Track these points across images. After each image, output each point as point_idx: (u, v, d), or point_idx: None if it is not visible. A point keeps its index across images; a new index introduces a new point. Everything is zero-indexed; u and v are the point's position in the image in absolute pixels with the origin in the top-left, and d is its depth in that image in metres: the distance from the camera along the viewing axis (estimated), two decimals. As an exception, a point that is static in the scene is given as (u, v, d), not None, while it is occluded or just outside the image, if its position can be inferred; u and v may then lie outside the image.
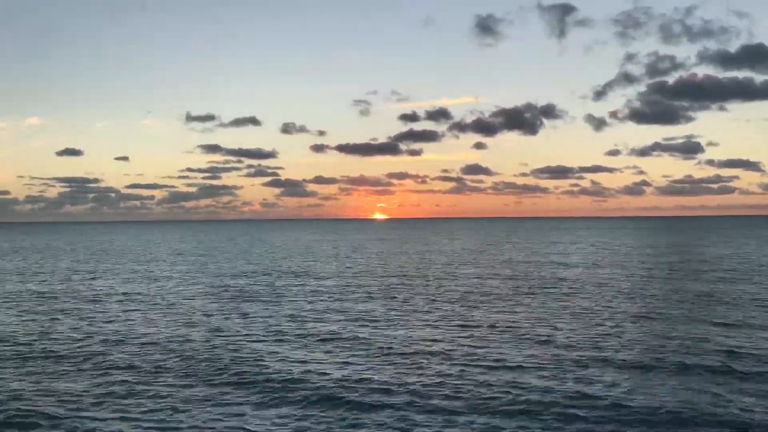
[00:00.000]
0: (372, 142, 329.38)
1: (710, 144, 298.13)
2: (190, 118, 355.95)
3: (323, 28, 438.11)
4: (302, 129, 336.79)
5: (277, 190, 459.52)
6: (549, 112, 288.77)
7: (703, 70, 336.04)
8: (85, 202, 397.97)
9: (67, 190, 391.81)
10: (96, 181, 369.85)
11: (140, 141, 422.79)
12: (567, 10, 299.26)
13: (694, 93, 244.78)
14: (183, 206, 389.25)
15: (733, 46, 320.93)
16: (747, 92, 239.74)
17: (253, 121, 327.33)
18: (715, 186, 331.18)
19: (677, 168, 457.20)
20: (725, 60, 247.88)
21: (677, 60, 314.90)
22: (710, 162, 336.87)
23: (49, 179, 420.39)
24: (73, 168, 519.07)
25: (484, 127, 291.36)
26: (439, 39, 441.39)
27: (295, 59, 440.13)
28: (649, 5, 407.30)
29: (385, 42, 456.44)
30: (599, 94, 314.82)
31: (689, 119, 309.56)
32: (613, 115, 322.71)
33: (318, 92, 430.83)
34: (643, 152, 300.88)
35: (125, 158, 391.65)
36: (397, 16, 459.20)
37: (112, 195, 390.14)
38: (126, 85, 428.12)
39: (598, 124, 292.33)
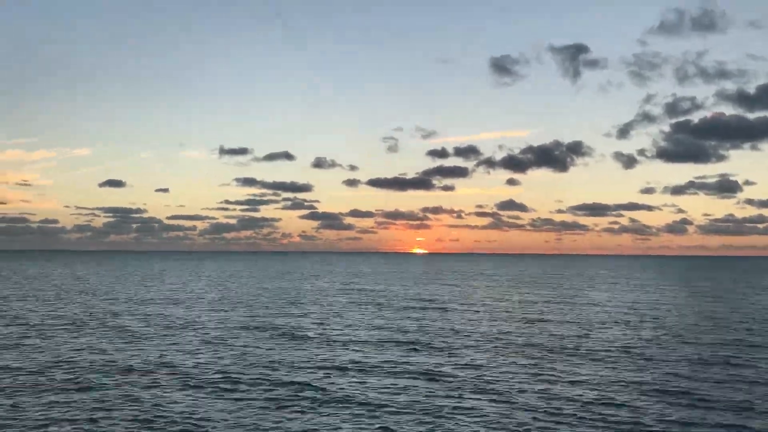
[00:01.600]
0: (403, 177, 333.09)
1: (747, 183, 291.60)
2: (223, 152, 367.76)
3: (341, 63, 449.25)
4: (333, 164, 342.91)
5: (315, 223, 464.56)
6: (576, 149, 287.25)
7: (724, 110, 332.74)
8: (128, 231, 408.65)
9: (111, 219, 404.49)
10: (139, 211, 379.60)
11: (178, 173, 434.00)
12: (579, 50, 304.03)
13: (722, 132, 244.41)
14: (224, 237, 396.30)
15: (751, 87, 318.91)
16: None
17: (287, 155, 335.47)
18: (761, 226, 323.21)
19: (716, 207, 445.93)
20: (746, 100, 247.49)
21: (697, 101, 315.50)
22: (750, 201, 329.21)
23: (94, 209, 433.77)
24: (115, 198, 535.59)
25: (514, 163, 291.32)
26: (457, 78, 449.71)
27: (320, 95, 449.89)
28: (658, 50, 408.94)
29: (403, 79, 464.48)
30: (623, 132, 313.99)
31: (720, 158, 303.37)
32: (641, 153, 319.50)
33: (345, 128, 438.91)
34: (678, 190, 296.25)
35: (165, 189, 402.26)
36: (412, 55, 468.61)
37: (155, 225, 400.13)
38: (163, 117, 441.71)
39: (628, 161, 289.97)
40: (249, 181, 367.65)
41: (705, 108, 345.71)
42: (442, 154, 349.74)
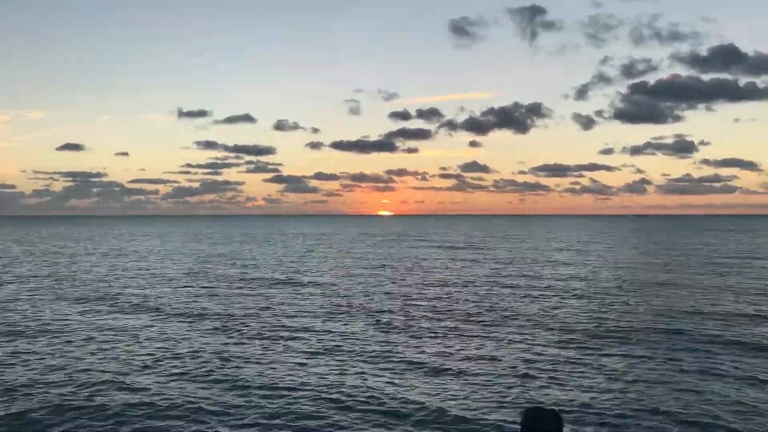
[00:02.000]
0: (366, 139, 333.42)
1: (702, 143, 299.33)
2: (182, 114, 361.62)
3: (301, 25, 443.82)
4: (296, 126, 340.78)
5: (280, 186, 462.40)
6: (536, 110, 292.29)
7: (679, 72, 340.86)
8: (89, 196, 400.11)
9: (70, 184, 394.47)
10: (99, 175, 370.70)
11: (136, 136, 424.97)
12: (536, 12, 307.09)
13: (678, 93, 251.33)
14: (188, 201, 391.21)
15: (703, 49, 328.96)
16: (732, 93, 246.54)
17: (248, 117, 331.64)
18: (717, 185, 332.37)
19: (674, 167, 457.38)
20: (699, 62, 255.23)
21: (652, 62, 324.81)
22: (706, 161, 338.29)
23: (53, 173, 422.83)
24: (74, 162, 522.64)
25: (476, 125, 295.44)
26: (416, 40, 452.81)
27: (280, 57, 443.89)
28: (613, 11, 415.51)
29: (363, 42, 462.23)
30: (580, 93, 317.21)
31: (677, 119, 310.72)
32: (599, 114, 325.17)
33: (306, 90, 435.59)
34: (636, 150, 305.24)
35: (125, 153, 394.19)
36: (370, 17, 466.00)
37: (117, 189, 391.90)
38: (120, 81, 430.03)
39: (587, 122, 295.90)
40: (210, 144, 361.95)
41: (660, 70, 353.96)
42: (404, 116, 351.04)
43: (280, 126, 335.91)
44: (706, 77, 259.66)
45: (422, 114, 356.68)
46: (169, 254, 55.93)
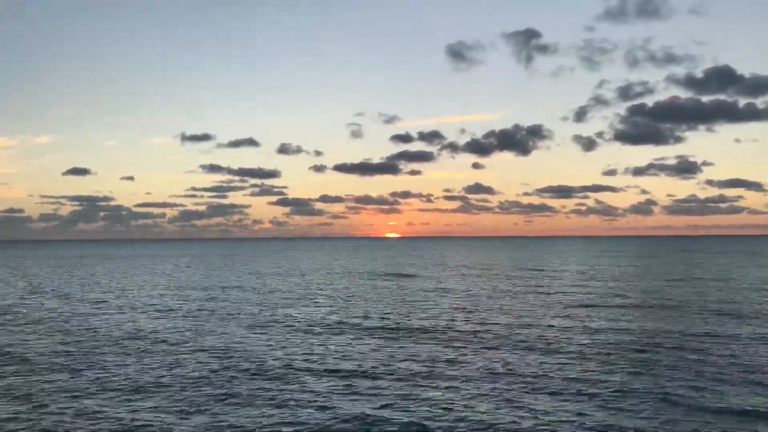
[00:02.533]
0: (369, 162, 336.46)
1: (705, 164, 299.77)
2: (185, 138, 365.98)
3: (299, 51, 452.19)
4: (299, 150, 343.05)
5: (285, 209, 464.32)
6: (536, 132, 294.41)
7: (675, 94, 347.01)
8: (96, 219, 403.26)
9: (78, 208, 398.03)
10: (105, 199, 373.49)
11: (141, 160, 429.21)
12: (531, 36, 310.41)
13: (678, 115, 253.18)
14: (195, 224, 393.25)
15: (698, 71, 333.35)
16: (732, 114, 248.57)
17: (251, 141, 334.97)
18: (724, 205, 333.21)
19: (678, 188, 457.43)
20: (695, 84, 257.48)
21: (649, 85, 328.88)
22: (710, 182, 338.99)
23: (60, 197, 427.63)
24: (80, 186, 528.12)
25: (478, 147, 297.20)
26: (414, 65, 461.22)
27: (281, 82, 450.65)
28: (606, 36, 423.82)
29: (362, 67, 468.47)
30: (579, 115, 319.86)
31: (678, 140, 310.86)
32: (599, 135, 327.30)
33: (307, 114, 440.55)
34: (639, 171, 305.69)
35: (131, 177, 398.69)
36: (369, 44, 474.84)
37: (124, 213, 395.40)
38: (125, 105, 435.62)
39: (588, 144, 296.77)
40: (214, 168, 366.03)
41: (657, 92, 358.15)
42: (405, 138, 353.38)
43: (283, 149, 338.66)
44: (704, 99, 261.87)
45: (424, 137, 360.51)
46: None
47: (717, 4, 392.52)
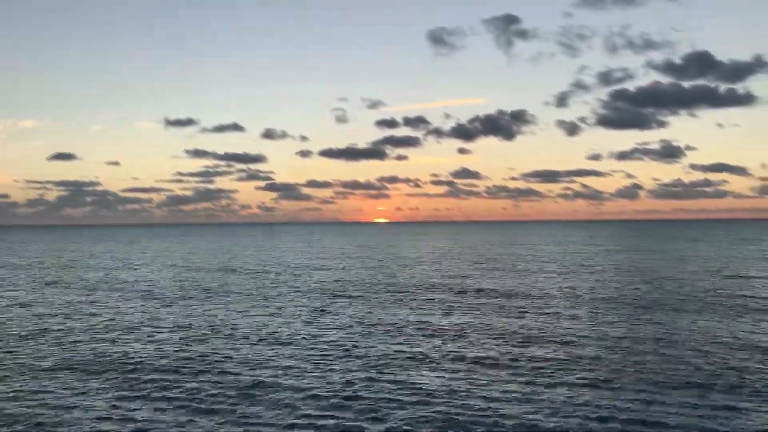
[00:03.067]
0: (355, 147, 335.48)
1: (688, 148, 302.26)
2: (169, 123, 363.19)
3: (281, 36, 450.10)
4: (284, 135, 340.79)
5: (273, 194, 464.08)
6: (520, 117, 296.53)
7: (655, 79, 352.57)
8: (83, 205, 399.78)
9: (64, 193, 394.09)
10: (92, 184, 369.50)
11: (126, 145, 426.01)
12: (510, 21, 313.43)
13: (660, 100, 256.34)
14: (182, 209, 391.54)
15: (677, 57, 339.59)
16: (713, 99, 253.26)
17: (236, 126, 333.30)
18: (709, 189, 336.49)
19: (663, 172, 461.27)
20: (674, 69, 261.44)
21: (629, 70, 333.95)
22: (693, 166, 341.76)
23: (45, 182, 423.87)
24: (66, 171, 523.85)
25: (463, 133, 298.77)
26: (396, 51, 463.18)
27: (264, 66, 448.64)
28: (583, 22, 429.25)
29: (344, 52, 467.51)
30: (561, 100, 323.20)
31: (661, 124, 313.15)
32: (582, 120, 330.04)
33: (291, 99, 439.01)
34: (623, 156, 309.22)
35: (116, 162, 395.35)
36: (349, 28, 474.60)
37: (111, 198, 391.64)
38: (109, 90, 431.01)
39: (571, 128, 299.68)
40: (200, 153, 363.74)
41: (636, 78, 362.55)
42: (391, 124, 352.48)
43: (268, 134, 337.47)
44: (684, 84, 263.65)
45: (409, 122, 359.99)
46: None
47: None
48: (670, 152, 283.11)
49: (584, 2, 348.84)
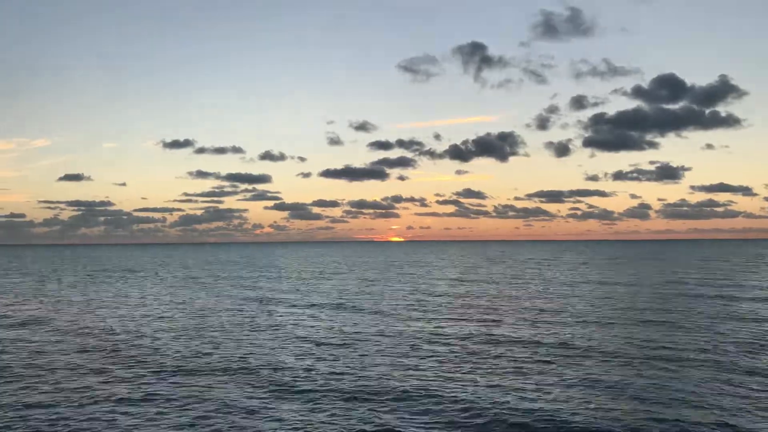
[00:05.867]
0: (353, 168, 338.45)
1: (683, 169, 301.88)
2: (168, 144, 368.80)
3: (266, 60, 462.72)
4: (283, 156, 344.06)
5: (283, 213, 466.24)
6: (508, 139, 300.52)
7: (627, 104, 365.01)
8: (96, 224, 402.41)
9: (77, 213, 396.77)
10: (104, 204, 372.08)
11: (131, 167, 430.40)
12: (476, 48, 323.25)
13: (643, 122, 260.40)
14: (196, 228, 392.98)
15: (645, 82, 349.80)
16: (700, 122, 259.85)
17: (235, 148, 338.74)
18: (719, 209, 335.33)
19: (666, 192, 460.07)
20: (645, 94, 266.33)
21: (599, 96, 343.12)
22: (694, 187, 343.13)
23: (59, 202, 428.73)
24: (77, 191, 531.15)
25: (458, 153, 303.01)
26: (374, 77, 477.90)
27: (250, 89, 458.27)
28: (542, 52, 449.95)
29: (328, 77, 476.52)
30: (543, 123, 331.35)
31: (652, 145, 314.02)
32: (569, 142, 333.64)
33: (283, 121, 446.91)
34: (619, 176, 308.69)
35: (123, 183, 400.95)
36: (328, 55, 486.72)
37: (124, 217, 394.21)
38: (115, 111, 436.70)
39: (560, 150, 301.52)
40: (203, 174, 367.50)
41: (608, 102, 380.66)
42: (384, 145, 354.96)
43: (267, 156, 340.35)
44: (663, 107, 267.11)
45: (402, 143, 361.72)
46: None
47: (643, 20, 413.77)
48: (668, 173, 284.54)
49: (540, 34, 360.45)
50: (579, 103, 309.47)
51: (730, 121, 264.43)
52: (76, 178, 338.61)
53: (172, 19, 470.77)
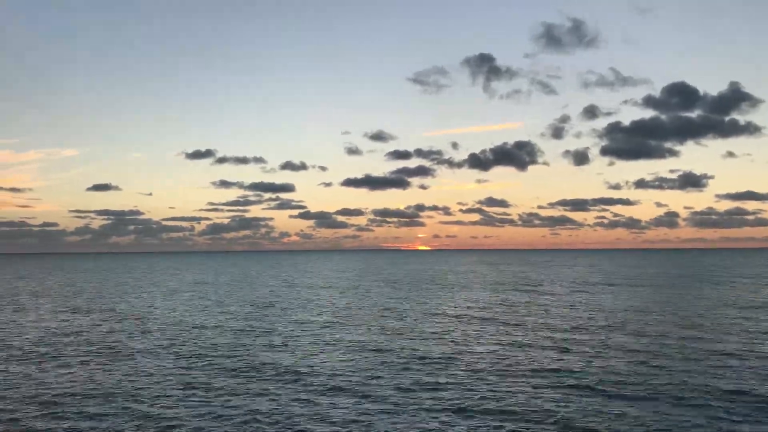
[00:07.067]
0: (374, 177, 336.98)
1: (705, 177, 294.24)
2: (188, 155, 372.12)
3: (274, 72, 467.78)
4: (304, 166, 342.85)
5: (309, 222, 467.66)
6: (524, 147, 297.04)
7: (639, 113, 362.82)
8: (127, 233, 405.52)
9: (107, 222, 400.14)
10: (132, 213, 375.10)
11: (156, 177, 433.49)
12: (484, 60, 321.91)
13: (659, 131, 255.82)
14: (224, 237, 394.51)
15: (656, 90, 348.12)
16: (719, 129, 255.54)
17: (257, 158, 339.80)
18: (750, 218, 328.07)
19: (692, 200, 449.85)
20: (657, 102, 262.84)
21: (610, 106, 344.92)
22: (719, 195, 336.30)
23: (89, 211, 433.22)
24: (105, 201, 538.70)
25: (477, 162, 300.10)
26: (380, 88, 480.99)
27: (267, 100, 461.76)
28: (550, 63, 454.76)
29: (340, 89, 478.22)
30: (557, 132, 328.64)
31: (673, 153, 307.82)
32: (587, 150, 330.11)
33: (300, 131, 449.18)
34: (641, 185, 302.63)
35: (150, 194, 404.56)
36: (337, 68, 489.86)
37: (154, 226, 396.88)
38: (134, 120, 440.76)
39: (579, 158, 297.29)
40: (226, 183, 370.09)
41: (620, 112, 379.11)
42: (403, 155, 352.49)
43: (289, 166, 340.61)
44: (678, 115, 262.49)
45: (420, 153, 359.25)
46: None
47: (646, 30, 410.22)
48: (691, 181, 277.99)
49: (544, 45, 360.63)
50: (591, 112, 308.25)
51: (751, 129, 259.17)
52: (104, 188, 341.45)
53: (193, 34, 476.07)
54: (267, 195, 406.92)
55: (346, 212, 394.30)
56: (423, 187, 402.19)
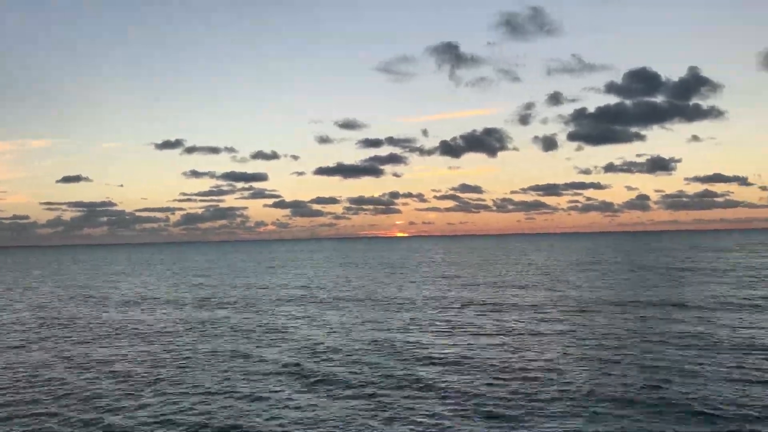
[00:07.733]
0: (346, 165, 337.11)
1: (674, 161, 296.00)
2: (158, 146, 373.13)
3: (241, 57, 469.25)
4: (275, 155, 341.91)
5: (285, 211, 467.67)
6: (493, 134, 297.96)
7: (603, 99, 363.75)
8: (100, 225, 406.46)
9: (79, 214, 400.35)
10: (104, 204, 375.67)
11: (127, 167, 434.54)
12: (449, 48, 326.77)
13: (624, 116, 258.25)
14: (199, 227, 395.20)
15: (619, 76, 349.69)
16: (685, 114, 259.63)
17: (228, 148, 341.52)
18: (719, 200, 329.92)
19: (661, 184, 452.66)
20: (619, 88, 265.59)
21: (574, 92, 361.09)
22: (688, 178, 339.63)
23: (61, 203, 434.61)
24: (77, 192, 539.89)
25: (448, 149, 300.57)
26: (347, 76, 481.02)
27: (235, 89, 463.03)
28: (512, 51, 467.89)
29: (308, 77, 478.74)
30: (524, 119, 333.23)
31: (639, 138, 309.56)
32: (554, 136, 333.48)
33: (268, 120, 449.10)
34: (611, 169, 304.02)
35: (121, 185, 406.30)
36: (307, 56, 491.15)
37: (127, 217, 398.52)
38: (107, 111, 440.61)
39: (547, 144, 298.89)
40: (198, 174, 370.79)
41: (583, 99, 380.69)
42: (374, 143, 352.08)
43: (260, 155, 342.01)
44: (638, 101, 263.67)
45: (392, 141, 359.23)
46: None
47: (606, 18, 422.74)
48: (660, 165, 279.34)
49: (506, 33, 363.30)
50: (556, 99, 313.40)
51: (714, 113, 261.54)
52: (75, 179, 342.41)
53: (160, 23, 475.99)
54: (240, 184, 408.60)
55: (321, 200, 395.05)
56: (396, 174, 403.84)
